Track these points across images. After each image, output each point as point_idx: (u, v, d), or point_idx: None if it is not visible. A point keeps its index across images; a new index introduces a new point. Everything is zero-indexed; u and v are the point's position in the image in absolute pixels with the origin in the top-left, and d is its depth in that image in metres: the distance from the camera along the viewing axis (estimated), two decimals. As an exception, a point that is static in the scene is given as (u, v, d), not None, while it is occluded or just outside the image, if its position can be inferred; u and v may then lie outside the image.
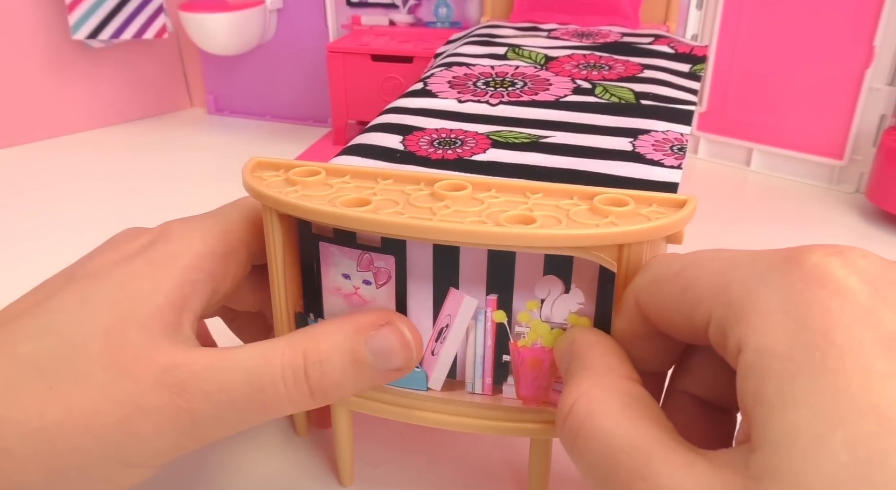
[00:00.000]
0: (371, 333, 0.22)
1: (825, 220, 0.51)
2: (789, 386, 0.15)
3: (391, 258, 0.24)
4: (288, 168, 0.25)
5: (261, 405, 0.22)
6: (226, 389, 0.21)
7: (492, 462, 0.29)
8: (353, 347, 0.22)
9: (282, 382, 0.21)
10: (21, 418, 0.20)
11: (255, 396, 0.21)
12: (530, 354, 0.24)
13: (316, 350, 0.22)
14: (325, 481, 0.28)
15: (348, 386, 0.22)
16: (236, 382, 0.21)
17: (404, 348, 0.22)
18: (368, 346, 0.22)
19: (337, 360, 0.22)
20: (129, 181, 0.59)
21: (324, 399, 0.22)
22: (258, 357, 0.22)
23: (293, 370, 0.22)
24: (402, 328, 0.23)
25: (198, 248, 0.24)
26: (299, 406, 0.22)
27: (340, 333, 0.22)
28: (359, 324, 0.22)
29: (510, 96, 0.40)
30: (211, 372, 0.21)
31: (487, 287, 0.23)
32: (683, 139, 0.34)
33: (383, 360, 0.22)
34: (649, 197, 0.22)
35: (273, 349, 0.22)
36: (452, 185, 0.24)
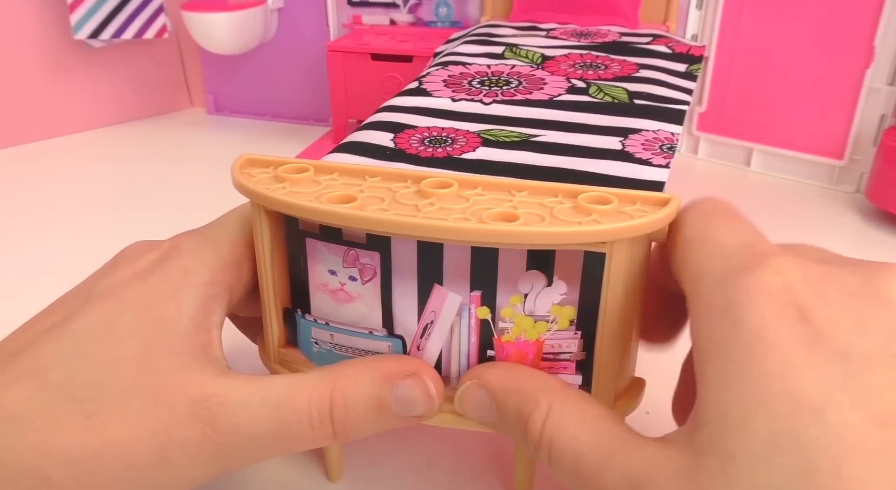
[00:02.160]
0: (397, 382, 0.23)
1: (825, 220, 0.51)
2: (723, 371, 0.17)
3: (376, 255, 0.24)
4: (277, 165, 0.25)
5: (286, 441, 0.22)
6: (254, 425, 0.22)
7: (482, 461, 0.29)
8: (379, 394, 0.23)
9: (308, 423, 0.22)
10: (61, 447, 0.20)
11: (281, 432, 0.22)
12: (514, 349, 0.24)
13: (343, 394, 0.22)
14: (313, 478, 0.28)
15: (370, 429, 0.23)
16: (264, 419, 0.22)
17: (427, 400, 0.23)
18: (393, 395, 0.23)
19: (362, 406, 0.23)
20: (129, 181, 0.60)
21: (345, 439, 0.23)
22: (286, 395, 0.22)
23: (319, 411, 0.22)
24: (428, 381, 0.23)
25: (211, 262, 0.24)
26: (321, 443, 0.23)
27: (368, 379, 0.23)
28: (386, 371, 0.23)
29: (504, 95, 0.40)
30: (241, 407, 0.22)
31: (471, 283, 0.23)
32: (674, 138, 0.34)
33: (406, 408, 0.23)
34: (633, 195, 0.23)
35: (302, 387, 0.22)
36: (439, 182, 0.24)
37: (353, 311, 0.25)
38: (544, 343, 0.24)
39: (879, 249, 0.47)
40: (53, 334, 0.22)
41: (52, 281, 0.25)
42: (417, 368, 0.23)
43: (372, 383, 0.23)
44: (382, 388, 0.23)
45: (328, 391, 0.22)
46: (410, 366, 0.23)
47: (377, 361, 0.24)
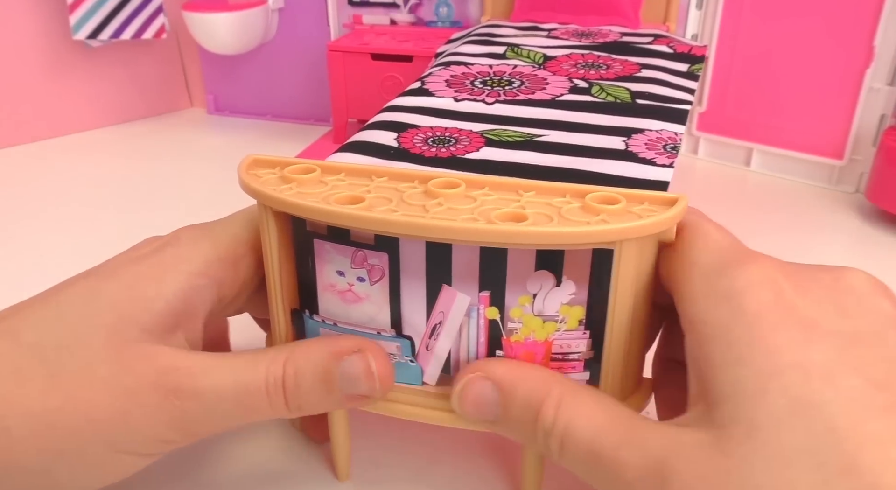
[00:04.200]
0: (345, 358, 0.24)
1: (825, 220, 0.51)
2: (730, 351, 0.19)
3: (384, 255, 0.24)
4: (283, 166, 0.25)
5: (245, 409, 0.24)
6: (215, 391, 0.23)
7: (484, 460, 0.29)
8: (326, 368, 0.24)
9: (264, 391, 0.23)
10: (23, 401, 0.22)
11: (240, 400, 0.23)
12: (523, 349, 0.24)
13: (295, 365, 0.24)
14: (321, 476, 0.28)
15: (319, 402, 0.24)
16: (225, 386, 0.23)
17: (368, 378, 0.24)
18: (339, 370, 0.24)
19: (311, 378, 0.24)
20: (129, 181, 0.59)
21: (298, 411, 0.24)
22: (246, 365, 0.24)
23: (274, 380, 0.24)
24: (371, 360, 0.24)
25: (206, 254, 0.25)
26: (278, 414, 0.24)
27: (318, 354, 0.24)
28: (336, 347, 0.24)
29: (506, 95, 0.40)
30: (203, 375, 0.23)
31: (480, 284, 0.23)
32: (677, 138, 0.34)
33: (349, 384, 0.24)
34: (641, 195, 0.23)
35: (260, 359, 0.24)
36: (446, 182, 0.24)
37: (361, 311, 0.25)
38: (553, 343, 0.24)
39: (879, 249, 0.47)
40: (39, 301, 0.24)
41: (52, 281, 0.25)
42: (365, 347, 0.24)
43: (321, 357, 0.24)
44: (330, 363, 0.24)
45: (283, 362, 0.24)
46: (359, 344, 0.24)
47: (330, 339, 0.25)
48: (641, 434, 0.20)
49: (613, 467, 0.20)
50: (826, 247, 0.48)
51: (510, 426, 0.23)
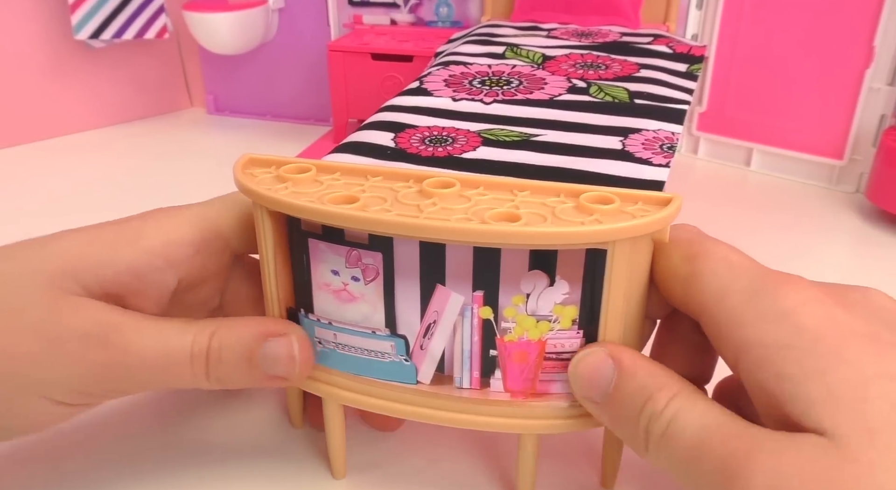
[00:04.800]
0: (269, 340, 0.25)
1: (825, 220, 0.51)
2: (804, 364, 0.19)
3: (378, 255, 0.24)
4: (279, 165, 0.25)
5: (167, 373, 0.24)
6: (141, 349, 0.24)
7: (482, 461, 0.29)
8: (250, 347, 0.24)
9: (188, 357, 0.24)
10: None
11: (163, 365, 0.24)
12: (517, 348, 0.24)
13: (220, 338, 0.24)
14: (318, 474, 0.28)
15: (238, 376, 0.25)
16: (152, 346, 0.24)
17: (288, 361, 0.25)
18: (262, 350, 0.24)
19: (233, 352, 0.24)
20: (129, 181, 0.60)
21: (217, 383, 0.25)
22: (175, 332, 0.24)
23: (198, 349, 0.24)
24: (294, 344, 0.25)
25: (167, 236, 0.26)
26: (198, 383, 0.25)
27: (245, 331, 0.25)
28: (262, 328, 0.25)
29: (505, 95, 0.40)
30: (133, 333, 0.24)
31: (474, 283, 0.23)
32: (674, 138, 0.34)
33: (270, 364, 0.25)
34: (635, 195, 0.23)
35: (189, 328, 0.24)
36: (440, 182, 0.24)
37: (355, 311, 0.25)
38: (547, 343, 0.24)
39: (879, 249, 0.47)
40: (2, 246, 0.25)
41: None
42: (290, 331, 0.25)
43: (247, 336, 0.25)
44: (254, 341, 0.24)
45: (209, 333, 0.24)
46: (285, 327, 0.25)
47: (259, 319, 0.26)
48: (752, 431, 0.20)
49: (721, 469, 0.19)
50: (826, 247, 0.48)
51: (616, 405, 0.23)
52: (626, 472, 0.27)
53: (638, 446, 0.22)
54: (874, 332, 0.20)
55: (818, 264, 0.45)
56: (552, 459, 0.28)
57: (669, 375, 0.22)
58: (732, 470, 0.19)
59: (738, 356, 0.21)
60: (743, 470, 0.19)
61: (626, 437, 0.23)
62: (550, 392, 0.24)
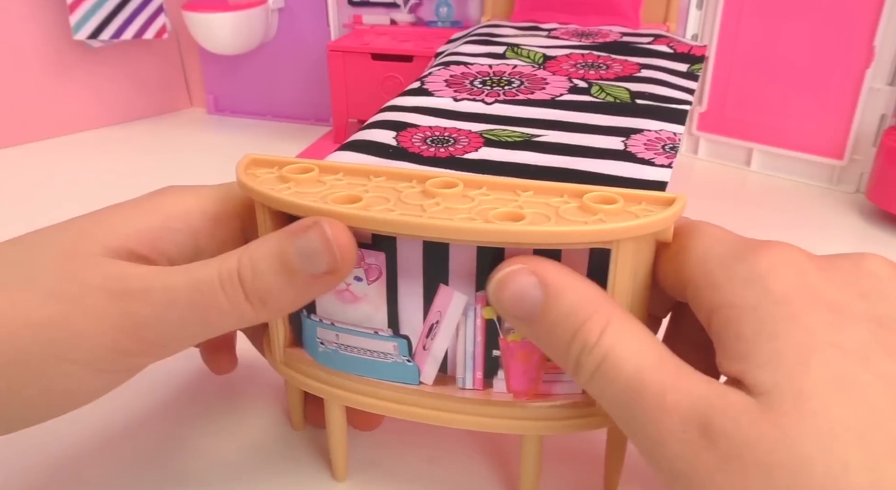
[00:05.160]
0: (300, 236, 0.22)
1: (825, 220, 0.51)
2: (762, 326, 0.19)
3: (382, 255, 0.24)
4: (282, 165, 0.25)
5: (200, 308, 0.22)
6: (166, 291, 0.22)
7: (483, 460, 0.29)
8: (281, 249, 0.22)
9: (219, 284, 0.22)
10: None
11: (193, 298, 0.22)
12: (520, 349, 0.24)
13: (249, 255, 0.22)
14: (319, 476, 0.28)
15: (282, 291, 0.22)
16: (177, 284, 0.22)
17: (327, 249, 0.22)
18: (296, 248, 0.22)
19: (267, 262, 0.22)
20: (129, 181, 0.59)
21: (262, 306, 0.22)
22: (200, 264, 0.23)
23: (228, 272, 0.22)
24: (327, 228, 0.22)
25: (188, 204, 0.25)
26: (240, 312, 0.22)
27: (272, 237, 0.23)
28: (290, 228, 0.23)
29: (506, 95, 0.40)
30: (154, 276, 0.22)
31: (477, 283, 0.23)
32: (676, 138, 0.34)
33: (309, 262, 0.22)
34: (638, 195, 0.23)
35: (213, 259, 0.23)
36: (444, 182, 0.24)
37: (358, 311, 0.25)
38: (550, 343, 0.24)
39: (879, 249, 0.47)
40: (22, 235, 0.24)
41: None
42: (318, 219, 0.22)
43: (276, 240, 0.22)
44: (285, 242, 0.22)
45: (237, 256, 0.22)
46: (314, 219, 0.22)
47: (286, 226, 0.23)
48: (689, 382, 0.19)
49: (654, 409, 0.19)
50: (826, 247, 0.47)
51: (543, 330, 0.22)
52: (629, 475, 0.27)
53: (568, 371, 0.22)
54: (843, 302, 0.20)
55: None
56: (555, 461, 0.28)
57: (601, 297, 0.21)
58: (663, 427, 0.19)
59: (710, 316, 0.21)
60: (671, 426, 0.19)
61: (557, 359, 0.22)
62: (553, 393, 0.24)
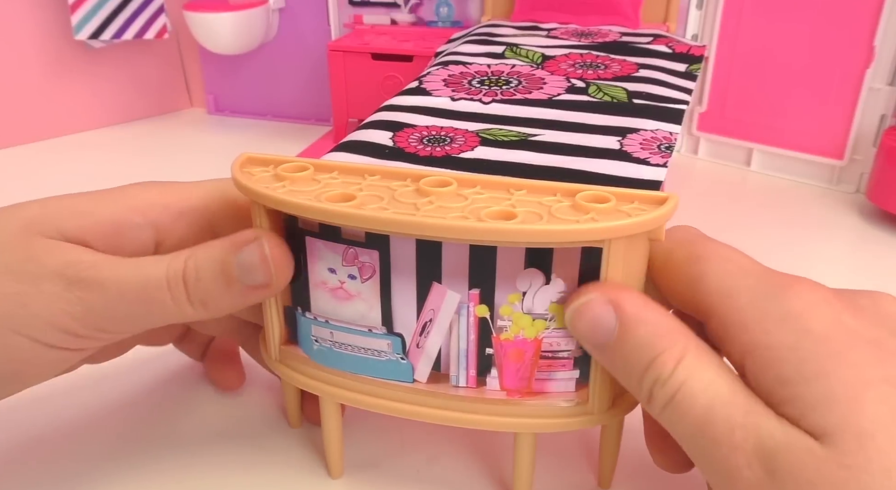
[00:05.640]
0: (242, 248, 0.24)
1: (825, 220, 0.51)
2: (807, 366, 0.19)
3: (375, 253, 0.24)
4: (277, 164, 0.25)
5: (147, 303, 0.24)
6: (118, 283, 0.23)
7: (482, 460, 0.29)
8: (224, 258, 0.24)
9: (165, 284, 0.24)
10: None
11: (142, 293, 0.24)
12: (513, 347, 0.24)
13: (195, 258, 0.24)
14: (315, 473, 0.28)
15: (220, 296, 0.24)
16: (128, 278, 0.23)
17: (263, 264, 0.24)
18: (236, 260, 0.24)
19: (210, 270, 0.24)
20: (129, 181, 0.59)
21: (201, 306, 0.24)
22: (150, 262, 0.24)
23: (175, 273, 0.24)
24: (266, 246, 0.24)
25: (151, 198, 0.26)
26: (181, 310, 0.24)
27: (217, 246, 0.24)
28: (233, 239, 0.24)
29: (504, 95, 0.40)
30: (106, 267, 0.23)
31: (470, 282, 0.23)
32: (672, 138, 0.34)
33: (247, 274, 0.24)
34: (631, 194, 0.23)
35: (163, 258, 0.24)
36: (438, 181, 0.24)
37: (352, 309, 0.25)
38: (543, 341, 0.24)
39: (879, 249, 0.47)
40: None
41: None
42: (259, 235, 0.24)
43: (220, 249, 0.24)
44: (228, 253, 0.24)
45: (184, 257, 0.24)
46: (255, 234, 0.24)
47: (234, 234, 0.25)
48: (759, 420, 0.19)
49: (723, 445, 0.19)
50: (826, 247, 0.48)
51: (618, 359, 0.22)
52: (623, 471, 0.27)
53: (641, 401, 0.22)
54: (880, 338, 0.20)
55: (818, 264, 0.45)
56: (549, 458, 0.28)
57: (676, 330, 0.21)
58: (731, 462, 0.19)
59: (743, 358, 0.20)
60: (738, 462, 0.19)
61: (630, 388, 0.22)
62: (546, 391, 0.24)
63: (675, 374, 0.20)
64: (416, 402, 0.25)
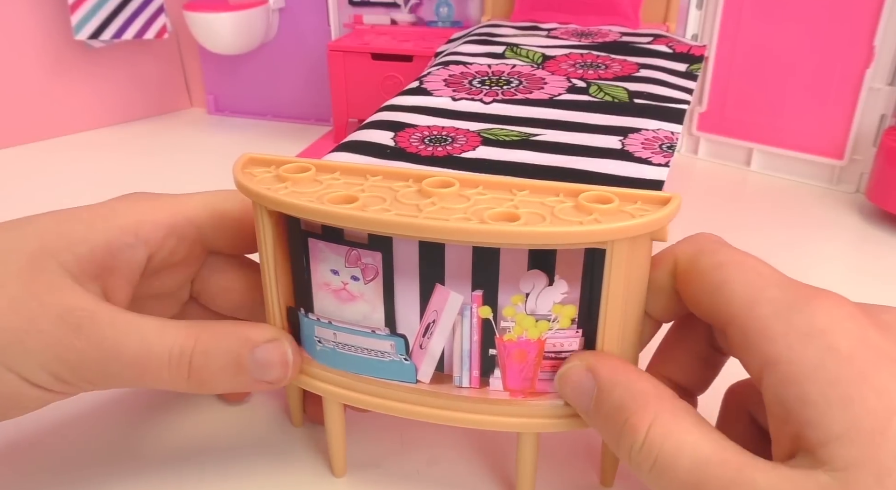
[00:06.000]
0: (259, 345, 0.25)
1: (825, 220, 0.51)
2: (833, 390, 0.18)
3: (378, 254, 0.24)
4: (279, 164, 0.25)
5: (142, 370, 0.24)
6: (117, 343, 0.23)
7: (482, 460, 0.29)
8: (239, 352, 0.24)
9: (167, 358, 0.24)
10: None
11: (140, 360, 0.24)
12: (516, 348, 0.24)
13: (206, 343, 0.24)
14: (318, 473, 0.28)
15: (223, 382, 0.25)
16: (129, 341, 0.23)
17: (282, 365, 0.25)
18: (252, 356, 0.24)
19: (222, 358, 0.24)
20: (129, 181, 0.60)
21: (198, 387, 0.24)
22: (155, 329, 0.24)
23: (181, 351, 0.24)
24: (287, 347, 0.25)
25: (140, 215, 0.26)
26: (175, 384, 0.24)
27: (233, 336, 0.25)
28: (250, 335, 0.25)
29: (504, 95, 0.40)
30: (109, 325, 0.23)
31: (473, 283, 0.23)
32: (673, 138, 0.34)
33: (261, 370, 0.25)
34: (634, 194, 0.23)
35: (170, 327, 0.24)
36: (440, 181, 0.24)
37: (355, 310, 0.25)
38: (546, 342, 0.24)
39: (879, 249, 0.47)
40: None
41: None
42: (279, 335, 0.25)
43: (236, 341, 0.24)
44: (243, 347, 0.24)
45: (194, 336, 0.24)
46: (273, 332, 0.25)
47: (242, 324, 0.25)
48: (756, 475, 0.19)
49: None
50: (826, 247, 0.48)
51: (599, 424, 0.22)
52: (625, 471, 0.27)
53: (630, 468, 0.22)
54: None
55: (818, 264, 0.45)
56: (551, 458, 0.28)
57: (648, 392, 0.21)
58: None
59: (763, 369, 0.20)
60: None
61: (616, 453, 0.22)
62: (549, 391, 0.24)
63: (648, 438, 0.20)
64: (419, 403, 0.25)
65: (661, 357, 0.26)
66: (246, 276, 0.29)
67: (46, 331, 0.23)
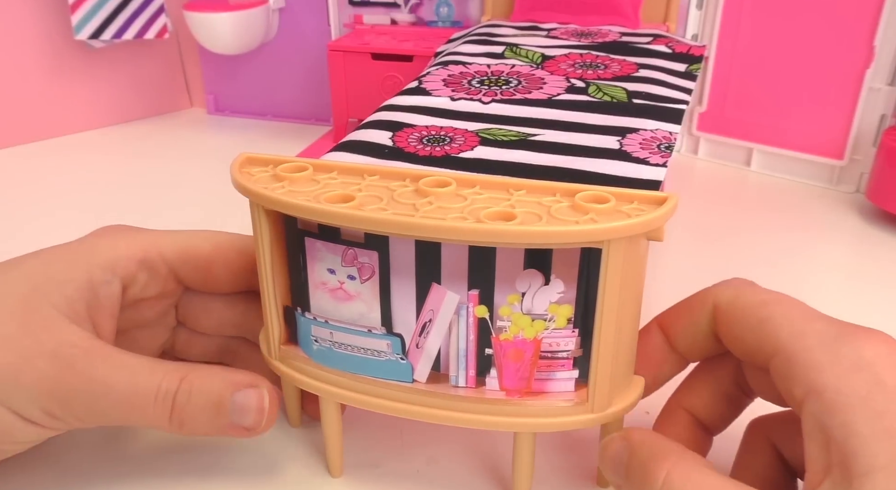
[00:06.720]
0: (241, 389, 0.25)
1: (825, 220, 0.51)
2: (879, 422, 0.19)
3: (374, 254, 0.24)
4: (276, 164, 0.25)
5: (130, 407, 0.24)
6: (108, 380, 0.24)
7: (481, 460, 0.29)
8: (221, 394, 0.25)
9: (153, 399, 0.25)
10: None
11: (128, 397, 0.24)
12: (512, 347, 0.24)
13: (191, 382, 0.25)
14: (315, 472, 0.28)
15: (203, 424, 0.25)
16: (119, 378, 0.24)
17: (258, 412, 0.26)
18: (233, 398, 0.25)
19: (204, 398, 0.25)
20: (128, 181, 0.60)
21: (178, 426, 0.25)
22: (146, 367, 0.25)
23: (166, 391, 0.25)
24: (265, 395, 0.26)
25: (118, 251, 0.27)
26: (158, 422, 0.25)
27: (217, 378, 0.25)
28: (235, 378, 0.26)
29: (503, 94, 0.40)
30: (101, 362, 0.24)
31: (469, 282, 0.23)
32: (672, 138, 0.34)
33: (240, 414, 0.25)
34: (631, 194, 0.23)
35: (159, 367, 0.25)
36: (437, 181, 0.24)
37: (352, 309, 0.25)
38: (542, 341, 0.24)
39: (879, 249, 0.47)
40: None
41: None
42: (262, 383, 0.26)
43: (219, 382, 0.25)
44: (226, 389, 0.25)
45: (181, 376, 0.25)
46: (257, 380, 0.26)
47: (228, 370, 0.26)
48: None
49: None
50: (826, 247, 0.48)
51: (631, 484, 0.23)
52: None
53: None
54: None
55: (818, 264, 0.45)
56: (548, 457, 0.28)
57: (669, 448, 0.22)
58: None
59: (807, 396, 0.21)
60: None
61: None
62: (546, 391, 0.24)
63: (666, 481, 0.21)
64: (415, 402, 0.25)
65: (686, 389, 0.27)
66: (223, 295, 0.30)
67: (41, 367, 0.24)
